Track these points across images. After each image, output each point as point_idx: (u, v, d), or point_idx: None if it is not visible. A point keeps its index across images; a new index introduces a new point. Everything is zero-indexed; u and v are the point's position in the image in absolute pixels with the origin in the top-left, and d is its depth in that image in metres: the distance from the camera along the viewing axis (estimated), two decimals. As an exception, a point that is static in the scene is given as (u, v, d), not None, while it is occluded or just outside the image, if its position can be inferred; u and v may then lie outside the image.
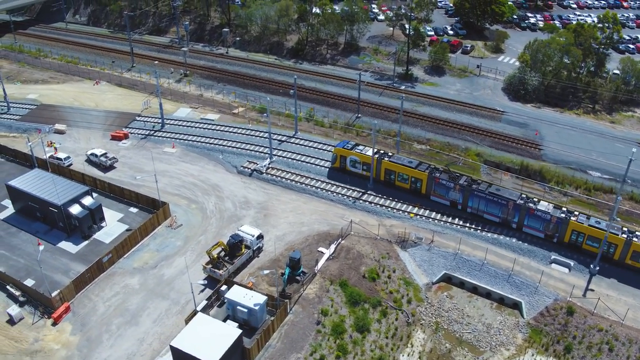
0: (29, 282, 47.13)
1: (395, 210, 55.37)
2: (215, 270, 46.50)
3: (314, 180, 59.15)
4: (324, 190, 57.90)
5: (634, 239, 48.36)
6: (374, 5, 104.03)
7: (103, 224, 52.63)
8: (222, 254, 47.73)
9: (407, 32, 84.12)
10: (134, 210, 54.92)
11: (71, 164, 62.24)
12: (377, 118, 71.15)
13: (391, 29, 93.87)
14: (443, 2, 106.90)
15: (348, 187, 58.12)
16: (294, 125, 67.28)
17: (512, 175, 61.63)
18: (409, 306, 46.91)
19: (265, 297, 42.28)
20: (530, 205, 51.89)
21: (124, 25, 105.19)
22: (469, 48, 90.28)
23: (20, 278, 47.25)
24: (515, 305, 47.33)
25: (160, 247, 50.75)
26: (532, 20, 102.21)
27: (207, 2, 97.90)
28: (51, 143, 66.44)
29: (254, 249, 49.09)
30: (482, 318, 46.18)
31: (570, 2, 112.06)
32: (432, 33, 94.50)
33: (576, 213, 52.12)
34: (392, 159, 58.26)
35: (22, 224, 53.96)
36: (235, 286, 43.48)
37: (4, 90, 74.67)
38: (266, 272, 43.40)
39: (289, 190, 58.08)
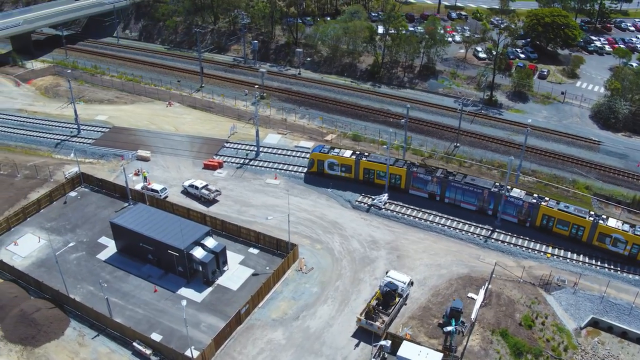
0: (156, 337, 41.53)
1: (530, 250, 51.78)
2: (372, 322, 42.02)
3: (437, 217, 54.71)
4: (451, 228, 53.86)
5: (600, 221, 51.44)
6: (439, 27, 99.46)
7: (225, 268, 47.37)
8: (375, 303, 43.47)
9: (494, 56, 79.79)
10: (254, 251, 49.68)
11: (167, 196, 57.13)
12: (476, 147, 67.76)
13: (461, 51, 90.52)
14: (506, 24, 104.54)
15: (474, 224, 53.92)
16: (402, 155, 62.25)
17: (624, 208, 58.60)
18: (566, 354, 43.31)
19: (440, 354, 37.94)
20: (504, 192, 54.45)
21: (179, 41, 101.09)
22: (545, 73, 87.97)
23: (144, 332, 41.59)
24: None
25: (296, 294, 45.71)
26: (597, 43, 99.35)
27: (272, 19, 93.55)
28: (138, 172, 60.39)
29: (405, 296, 45.04)
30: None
31: (628, 24, 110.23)
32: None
33: (547, 199, 54.78)
34: (370, 159, 59.67)
35: (129, 266, 48.40)
36: (405, 342, 38.91)
37: (75, 111, 68.88)
38: (408, 329, 39.99)
39: (413, 227, 53.89)
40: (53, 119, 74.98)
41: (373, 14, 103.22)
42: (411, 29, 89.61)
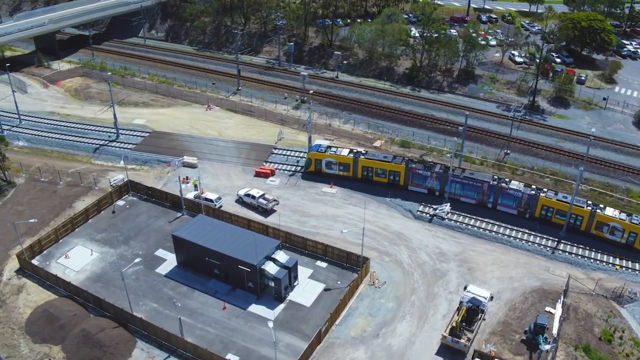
0: (233, 358, 39.39)
1: (598, 262, 50.37)
2: (457, 339, 40.15)
3: (502, 227, 53.00)
4: (517, 239, 52.13)
5: (598, 210, 52.50)
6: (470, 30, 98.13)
7: (295, 283, 45.35)
8: (458, 319, 41.91)
9: (538, 61, 77.68)
10: (322, 264, 47.61)
11: (221, 206, 54.74)
12: (526, 154, 66.16)
13: (497, 55, 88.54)
14: (537, 28, 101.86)
15: (539, 234, 52.31)
16: (458, 163, 59.43)
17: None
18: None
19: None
20: (503, 185, 55.29)
21: (207, 42, 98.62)
22: (583, 78, 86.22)
23: (219, 352, 39.27)
24: None
25: (372, 310, 43.83)
26: (630, 48, 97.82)
27: (306, 21, 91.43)
28: (187, 179, 58.03)
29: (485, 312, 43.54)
30: None
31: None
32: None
33: (545, 190, 55.63)
34: (368, 156, 59.60)
35: (193, 281, 46.03)
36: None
37: (114, 115, 66.30)
38: (491, 345, 38.69)
39: (479, 238, 52.21)
40: (88, 123, 72.23)
41: (404, 16, 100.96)
42: (451, 31, 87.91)
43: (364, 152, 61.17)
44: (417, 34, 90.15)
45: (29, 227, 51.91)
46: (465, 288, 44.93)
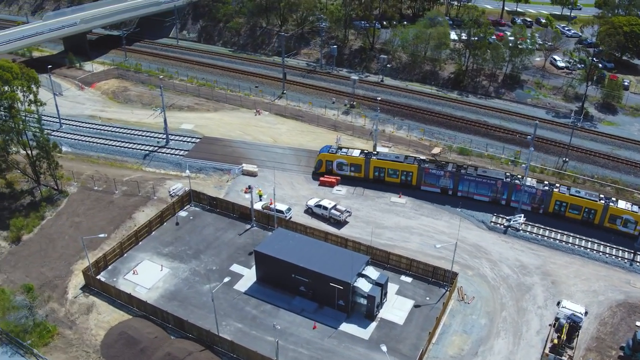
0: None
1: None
2: (560, 357, 38.73)
3: (577, 238, 51.67)
4: (594, 251, 50.82)
5: (611, 204, 53.47)
6: (508, 33, 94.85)
7: (384, 300, 43.72)
8: (557, 335, 40.22)
9: (588, 66, 76.65)
10: (407, 279, 45.97)
11: (291, 217, 52.74)
12: (584, 162, 64.99)
13: (537, 59, 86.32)
14: (573, 32, 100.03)
15: (614, 246, 51.00)
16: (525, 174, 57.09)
17: None
18: None
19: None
20: (517, 182, 55.83)
21: (242, 44, 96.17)
22: (627, 83, 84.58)
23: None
24: None
25: (466, 327, 42.32)
26: None
27: (346, 23, 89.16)
28: (249, 188, 54.87)
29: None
30: None
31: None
32: (582, 66, 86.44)
33: (557, 185, 56.49)
34: (380, 157, 59.60)
35: (276, 299, 43.97)
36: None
37: (165, 120, 63.77)
38: None
39: (555, 250, 50.98)
40: (133, 127, 69.58)
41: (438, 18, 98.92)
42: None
43: (375, 152, 61.17)
44: (456, 37, 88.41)
45: (89, 240, 48.74)
46: (558, 304, 43.68)
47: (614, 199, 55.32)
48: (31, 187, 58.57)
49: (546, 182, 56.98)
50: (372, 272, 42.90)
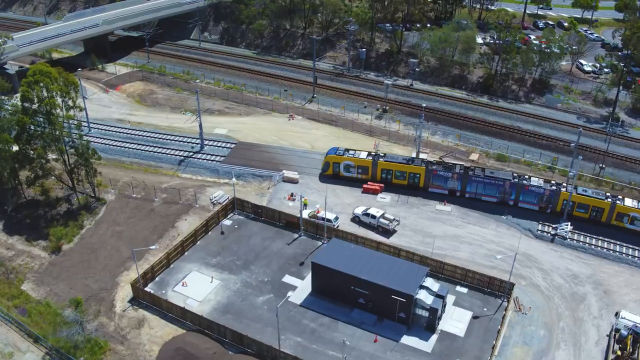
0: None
1: None
2: (628, 372, 39.45)
3: (624, 247, 51.01)
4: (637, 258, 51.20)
5: (618, 202, 54.20)
6: (532, 36, 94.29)
7: (443, 311, 43.18)
8: (618, 347, 40.01)
9: (620, 72, 75.78)
10: (462, 290, 45.36)
11: (338, 226, 51.68)
12: (620, 168, 64.56)
13: (563, 63, 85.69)
14: (595, 35, 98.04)
15: None
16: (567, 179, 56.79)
17: None
18: None
19: None
20: (524, 182, 56.19)
21: (265, 46, 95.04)
22: None
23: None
24: None
25: (526, 338, 41.84)
26: None
27: (373, 26, 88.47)
28: (292, 196, 55.29)
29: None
30: None
31: None
32: (608, 70, 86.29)
33: (564, 185, 56.67)
34: (387, 159, 59.58)
35: (333, 311, 43.24)
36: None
37: (200, 125, 62.75)
38: None
39: (604, 259, 50.50)
40: (164, 131, 68.23)
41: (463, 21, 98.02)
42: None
43: (382, 154, 60.92)
44: (481, 41, 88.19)
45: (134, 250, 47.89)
46: (617, 314, 43.42)
47: (620, 197, 55.80)
48: (67, 194, 57.26)
49: (553, 182, 57.42)
50: (432, 283, 42.38)
